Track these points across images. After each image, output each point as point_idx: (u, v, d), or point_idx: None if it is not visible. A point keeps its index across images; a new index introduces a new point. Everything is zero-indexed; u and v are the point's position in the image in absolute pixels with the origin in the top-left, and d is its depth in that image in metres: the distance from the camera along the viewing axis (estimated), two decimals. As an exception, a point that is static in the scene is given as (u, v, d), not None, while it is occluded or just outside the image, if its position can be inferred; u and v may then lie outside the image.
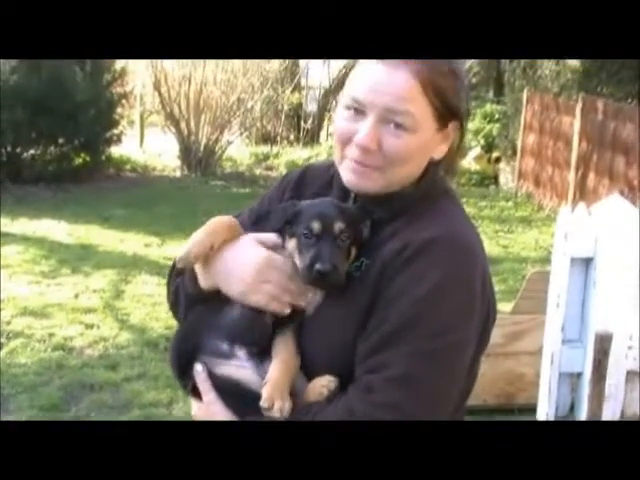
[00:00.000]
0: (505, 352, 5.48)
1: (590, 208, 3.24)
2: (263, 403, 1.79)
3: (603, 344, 3.24)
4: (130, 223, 11.48)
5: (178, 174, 15.82)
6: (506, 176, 15.54)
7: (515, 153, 15.01)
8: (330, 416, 1.77)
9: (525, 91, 14.52)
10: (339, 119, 1.93)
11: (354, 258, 1.90)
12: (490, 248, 10.93)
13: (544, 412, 3.50)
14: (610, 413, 3.40)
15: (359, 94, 1.87)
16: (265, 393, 1.80)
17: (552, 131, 13.68)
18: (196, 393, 1.96)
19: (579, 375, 3.35)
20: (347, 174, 1.94)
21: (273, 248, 1.96)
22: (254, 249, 1.95)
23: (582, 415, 3.38)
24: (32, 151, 14.08)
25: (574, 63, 13.43)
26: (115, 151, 15.75)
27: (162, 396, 6.12)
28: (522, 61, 14.93)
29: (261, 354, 1.90)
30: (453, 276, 1.83)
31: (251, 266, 1.92)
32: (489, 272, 1.96)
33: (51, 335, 7.28)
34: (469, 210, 8.44)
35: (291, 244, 1.92)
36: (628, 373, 3.35)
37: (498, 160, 16.00)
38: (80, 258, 9.79)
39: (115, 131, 15.16)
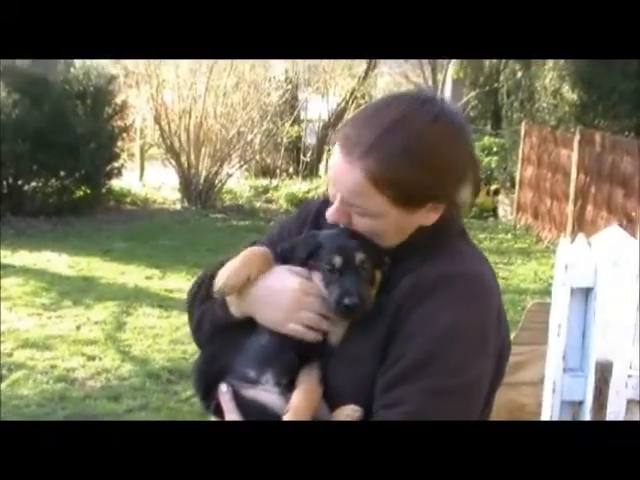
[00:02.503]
0: (506, 382, 5.45)
1: (590, 239, 3.29)
2: None
3: (604, 372, 3.27)
4: (131, 256, 11.53)
5: (178, 207, 15.89)
6: (505, 208, 15.62)
7: (513, 185, 15.12)
8: None
9: (523, 124, 14.64)
10: (329, 184, 1.99)
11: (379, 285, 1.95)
12: (489, 280, 10.97)
13: (546, 440, 3.53)
14: (611, 441, 3.42)
15: (330, 174, 1.95)
16: (285, 419, 1.86)
17: (550, 164, 13.80)
18: (219, 414, 1.99)
19: (580, 403, 3.38)
20: None
21: (305, 278, 2.00)
22: (289, 278, 1.98)
23: (583, 443, 3.41)
24: (33, 184, 14.13)
25: (571, 96, 13.56)
26: (116, 184, 15.82)
27: (164, 427, 6.13)
28: (520, 94, 15.09)
29: (288, 384, 1.94)
30: (468, 314, 1.86)
31: (287, 294, 1.95)
32: (503, 308, 2.00)
33: (53, 367, 7.31)
34: (468, 242, 8.34)
35: (315, 277, 1.97)
36: (628, 402, 3.38)
37: (497, 192, 16.09)
38: (81, 290, 9.82)
39: (115, 164, 15.23)
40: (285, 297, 1.95)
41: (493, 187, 16.16)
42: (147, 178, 18.14)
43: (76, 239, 12.53)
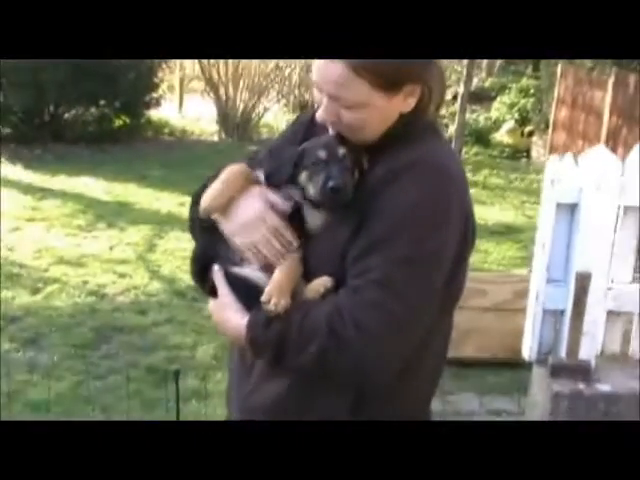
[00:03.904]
0: (514, 308, 5.71)
1: (577, 158, 3.47)
2: (262, 298, 2.06)
3: (583, 282, 3.47)
4: (166, 183, 11.81)
5: (215, 138, 16.11)
6: (538, 150, 15.64)
7: (548, 127, 15.12)
8: (321, 311, 2.01)
9: (559, 65, 14.61)
10: (314, 90, 2.17)
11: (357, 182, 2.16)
12: (515, 218, 11.17)
13: (528, 347, 3.75)
14: (587, 350, 3.63)
15: (314, 78, 2.12)
16: (266, 289, 2.09)
17: (584, 105, 13.79)
18: (213, 293, 2.24)
19: (562, 312, 3.59)
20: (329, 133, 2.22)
21: (274, 207, 2.20)
22: (256, 204, 2.18)
23: (562, 350, 3.63)
24: (73, 112, 14.47)
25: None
26: (154, 114, 16.09)
27: (187, 340, 6.46)
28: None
29: (269, 265, 2.16)
30: (428, 195, 2.05)
31: (250, 225, 2.16)
32: (468, 194, 2.18)
33: (85, 282, 7.67)
34: (498, 181, 8.74)
35: (303, 178, 2.16)
36: (609, 313, 3.58)
37: (531, 134, 16.12)
38: (116, 214, 10.16)
39: (154, 95, 15.48)
40: (249, 228, 2.17)
41: (528, 129, 16.20)
42: (186, 110, 18.33)
43: (113, 166, 12.80)
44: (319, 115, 2.14)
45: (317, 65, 2.09)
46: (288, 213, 2.19)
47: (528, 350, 3.75)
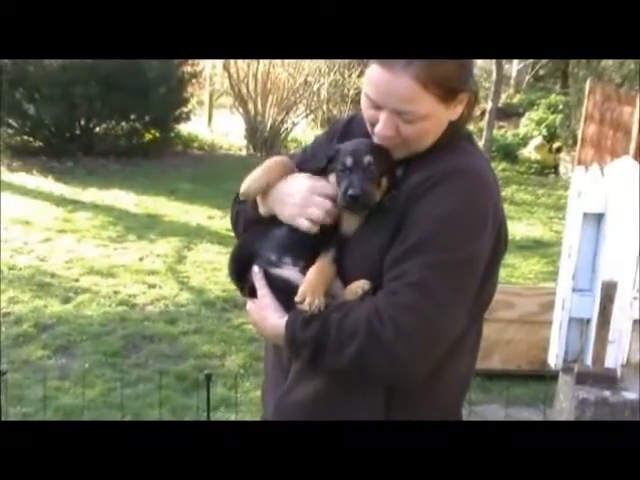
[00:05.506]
0: (541, 320, 5.74)
1: (603, 169, 3.52)
2: (296, 298, 2.13)
3: (608, 291, 3.51)
4: (195, 196, 11.93)
5: (244, 153, 16.22)
6: (566, 165, 15.63)
7: (576, 143, 15.11)
8: (361, 312, 2.07)
9: (588, 81, 14.62)
10: (364, 105, 2.22)
11: (387, 189, 2.22)
12: (543, 233, 11.19)
13: (554, 355, 3.80)
14: (613, 358, 3.67)
15: (371, 94, 2.16)
16: (300, 290, 2.16)
17: (612, 121, 13.79)
18: (252, 294, 2.30)
19: (588, 321, 3.63)
20: None
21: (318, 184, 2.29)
22: (302, 181, 2.28)
23: (588, 358, 3.68)
24: (104, 125, 14.66)
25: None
26: (184, 129, 16.25)
27: (216, 349, 6.54)
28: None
29: (306, 266, 2.23)
30: (467, 203, 2.11)
31: (299, 195, 2.24)
32: (501, 202, 2.25)
33: (116, 292, 7.79)
34: (526, 197, 8.80)
35: (332, 179, 2.27)
36: (634, 322, 3.61)
37: (559, 150, 16.11)
38: (146, 226, 10.28)
39: (184, 109, 15.63)
40: (297, 197, 2.25)
41: (556, 144, 16.19)
42: (215, 125, 18.48)
43: (143, 179, 12.97)
44: (379, 132, 2.17)
45: (377, 82, 2.13)
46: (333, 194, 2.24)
47: (554, 358, 3.79)
